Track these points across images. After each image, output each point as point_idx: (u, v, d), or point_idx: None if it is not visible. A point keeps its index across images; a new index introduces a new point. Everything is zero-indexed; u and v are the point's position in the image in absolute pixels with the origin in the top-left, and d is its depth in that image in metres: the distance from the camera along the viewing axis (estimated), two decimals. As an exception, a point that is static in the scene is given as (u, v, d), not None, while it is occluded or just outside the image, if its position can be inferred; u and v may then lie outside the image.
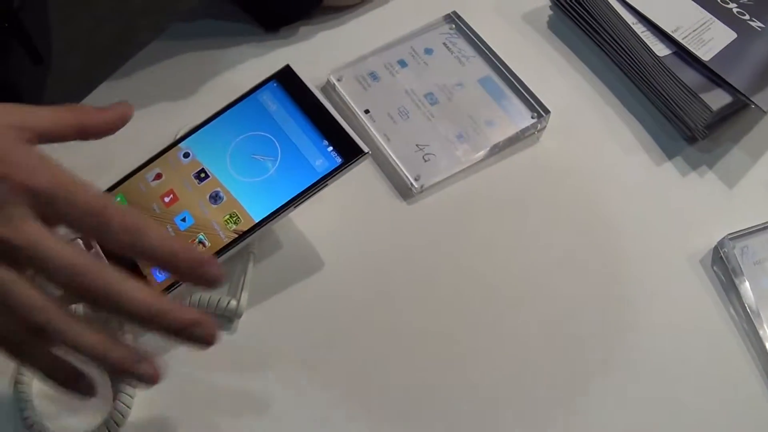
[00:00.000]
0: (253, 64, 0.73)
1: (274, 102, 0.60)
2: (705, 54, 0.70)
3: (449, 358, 0.59)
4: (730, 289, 0.63)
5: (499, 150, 0.68)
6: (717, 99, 0.68)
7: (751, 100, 0.67)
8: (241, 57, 0.73)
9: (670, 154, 0.70)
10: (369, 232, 0.64)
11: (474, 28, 0.73)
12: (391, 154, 0.66)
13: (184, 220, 0.57)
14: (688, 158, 0.70)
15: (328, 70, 0.71)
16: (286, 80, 0.60)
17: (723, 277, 0.63)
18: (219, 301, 0.57)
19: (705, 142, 0.70)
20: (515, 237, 0.65)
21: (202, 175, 0.58)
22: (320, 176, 0.57)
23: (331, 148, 0.57)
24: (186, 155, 0.59)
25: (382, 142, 0.67)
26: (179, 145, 0.59)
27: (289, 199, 0.56)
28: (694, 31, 0.72)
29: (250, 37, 0.75)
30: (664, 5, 0.74)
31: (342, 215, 0.65)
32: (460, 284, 0.62)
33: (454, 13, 0.75)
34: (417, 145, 0.66)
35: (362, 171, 0.66)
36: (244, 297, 0.59)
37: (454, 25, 0.74)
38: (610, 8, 0.73)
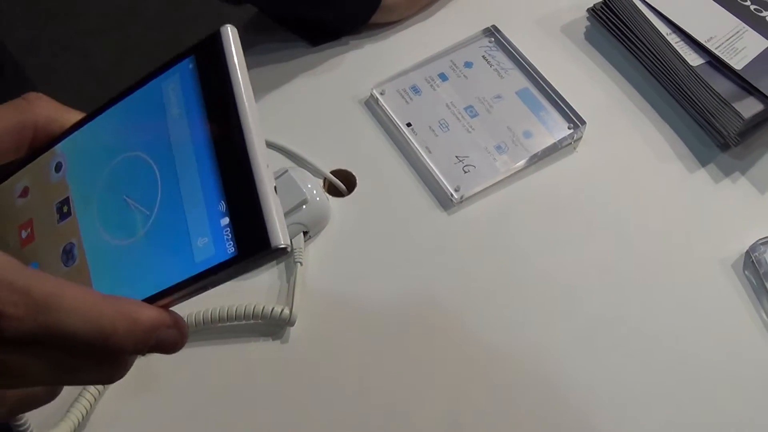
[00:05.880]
0: (299, 77, 0.76)
1: (178, 99, 0.34)
2: (738, 63, 0.71)
3: (487, 361, 0.62)
4: (761, 292, 0.64)
5: (536, 160, 0.71)
6: (749, 107, 0.69)
7: (782, 108, 0.69)
8: (287, 71, 0.77)
9: (703, 161, 0.72)
10: (411, 242, 0.67)
11: (512, 41, 0.76)
12: (432, 166, 0.69)
13: None
14: (721, 165, 0.72)
15: (371, 84, 0.74)
16: (210, 61, 0.34)
17: (754, 281, 0.65)
18: (272, 310, 0.61)
19: (738, 149, 0.72)
20: (553, 244, 0.67)
21: (65, 209, 0.38)
22: (195, 272, 0.33)
23: (226, 222, 0.32)
24: (58, 167, 0.38)
25: (424, 154, 0.70)
26: (54, 148, 0.38)
27: (144, 298, 0.34)
28: (727, 40, 0.73)
29: (296, 51, 0.78)
30: (698, 15, 0.75)
31: (384, 225, 0.68)
32: (499, 291, 0.65)
33: (494, 26, 0.77)
34: (457, 157, 0.69)
35: (404, 183, 0.69)
36: (296, 305, 0.62)
37: (493, 39, 0.77)
38: (645, 19, 0.75)
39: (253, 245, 0.31)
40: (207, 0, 0.70)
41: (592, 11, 0.81)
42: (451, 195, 0.68)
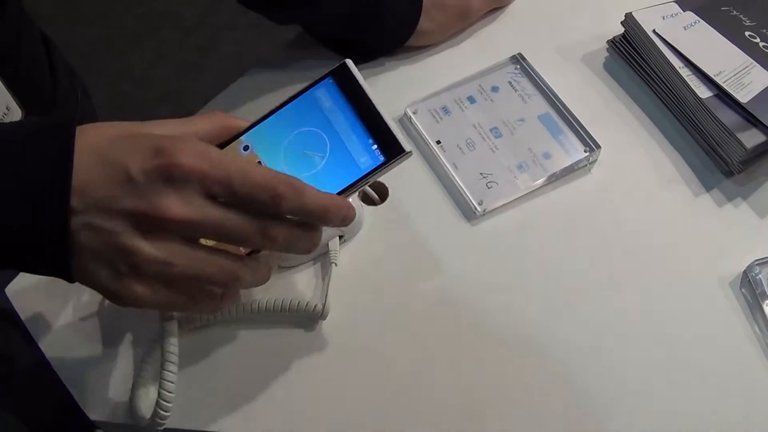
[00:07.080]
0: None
1: (328, 98, 0.61)
2: (744, 96, 0.77)
3: (500, 359, 0.67)
4: (756, 309, 0.69)
5: (554, 179, 0.77)
6: (752, 138, 0.75)
7: (782, 140, 0.74)
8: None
9: (708, 186, 0.77)
10: (436, 249, 0.73)
11: (536, 69, 0.82)
12: (458, 181, 0.75)
13: None
14: (724, 190, 0.77)
15: (405, 103, 0.81)
16: (342, 77, 0.61)
17: (750, 299, 0.70)
18: (307, 305, 0.67)
19: (740, 176, 0.78)
20: (565, 257, 0.73)
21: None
22: (363, 174, 0.59)
23: (375, 147, 0.59)
24: (246, 148, 0.60)
25: (451, 170, 0.76)
26: (240, 138, 0.60)
27: (333, 193, 0.58)
28: (735, 74, 0.79)
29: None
30: (709, 51, 0.81)
31: (412, 233, 0.74)
32: (514, 295, 0.71)
33: (519, 54, 0.84)
34: (481, 174, 0.76)
35: (432, 195, 0.76)
36: (329, 301, 0.68)
37: (518, 66, 0.83)
38: (659, 53, 0.81)
39: (393, 152, 0.58)
40: (243, 9, 0.75)
41: (612, 42, 0.87)
42: (475, 208, 0.74)
